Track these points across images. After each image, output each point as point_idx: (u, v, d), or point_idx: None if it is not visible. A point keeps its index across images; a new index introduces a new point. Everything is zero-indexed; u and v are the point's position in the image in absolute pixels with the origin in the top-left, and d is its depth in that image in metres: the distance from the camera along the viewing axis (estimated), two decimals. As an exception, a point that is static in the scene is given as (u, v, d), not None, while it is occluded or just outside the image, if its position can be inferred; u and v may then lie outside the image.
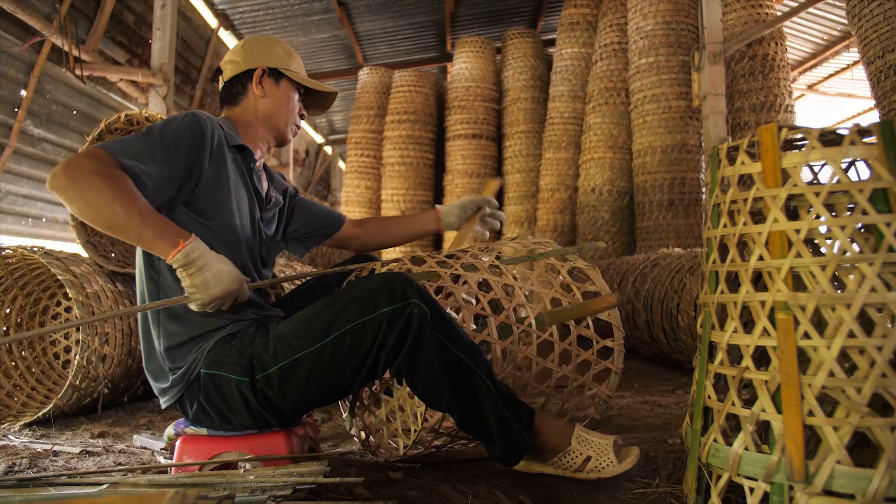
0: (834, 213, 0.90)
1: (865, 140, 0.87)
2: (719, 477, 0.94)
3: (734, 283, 1.01)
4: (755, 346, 0.91)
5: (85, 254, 2.24)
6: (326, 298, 1.21)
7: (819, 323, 0.88)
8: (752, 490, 0.87)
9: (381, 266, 1.51)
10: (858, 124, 0.88)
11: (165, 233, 1.11)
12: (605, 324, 1.59)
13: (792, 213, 0.93)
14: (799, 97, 8.61)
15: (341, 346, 1.16)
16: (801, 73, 8.08)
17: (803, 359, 0.86)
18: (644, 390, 2.44)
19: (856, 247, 0.86)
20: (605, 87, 5.44)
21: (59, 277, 1.94)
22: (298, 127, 1.53)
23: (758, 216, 0.96)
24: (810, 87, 8.58)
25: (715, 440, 0.96)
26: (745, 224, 0.96)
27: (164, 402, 1.28)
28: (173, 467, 1.27)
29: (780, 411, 0.86)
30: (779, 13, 4.82)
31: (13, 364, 2.23)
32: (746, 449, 0.89)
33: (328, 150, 12.53)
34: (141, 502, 0.60)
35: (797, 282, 0.89)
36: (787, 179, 0.90)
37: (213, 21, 7.20)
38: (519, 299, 1.46)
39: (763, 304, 0.91)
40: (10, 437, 1.78)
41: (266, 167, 1.54)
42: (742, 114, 4.75)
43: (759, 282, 0.96)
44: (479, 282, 1.50)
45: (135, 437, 1.75)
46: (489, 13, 7.72)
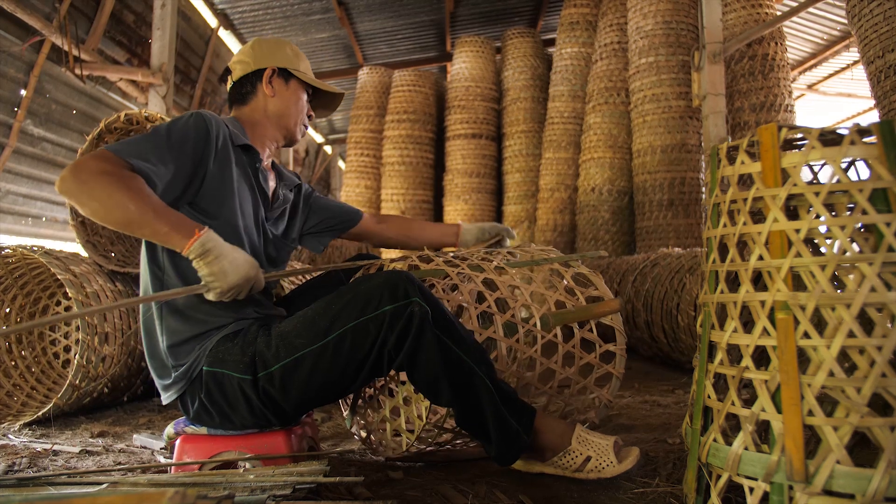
0: (834, 213, 0.90)
1: (865, 140, 0.87)
2: (719, 477, 0.94)
3: (734, 282, 1.01)
4: (755, 345, 0.91)
5: (85, 253, 2.24)
6: (328, 297, 1.21)
7: (819, 323, 0.88)
8: (751, 490, 0.87)
9: (388, 264, 1.52)
10: (858, 124, 0.88)
11: (180, 226, 1.12)
12: (606, 328, 1.60)
13: (792, 213, 0.93)
14: (799, 97, 8.61)
15: (343, 345, 1.16)
16: (801, 73, 8.09)
17: (803, 359, 0.86)
18: (644, 390, 2.44)
19: (856, 247, 0.86)
20: (605, 86, 5.45)
21: (59, 277, 1.94)
22: (307, 127, 1.54)
23: (758, 216, 0.96)
24: (810, 87, 8.58)
25: (715, 440, 0.96)
26: (744, 224, 0.96)
27: (165, 399, 1.28)
28: (173, 466, 1.27)
29: (779, 411, 0.86)
30: (779, 13, 4.82)
31: (13, 363, 2.23)
32: (746, 449, 0.89)
33: (328, 149, 12.53)
34: (141, 502, 0.60)
35: (797, 281, 0.89)
36: (786, 179, 0.90)
37: (212, 21, 7.20)
38: (524, 299, 1.47)
39: (763, 303, 0.91)
40: (9, 436, 1.78)
41: (276, 165, 1.54)
42: (742, 113, 4.75)
43: (758, 281, 0.96)
44: (485, 282, 1.51)
45: (135, 436, 1.75)
46: (489, 13, 7.72)
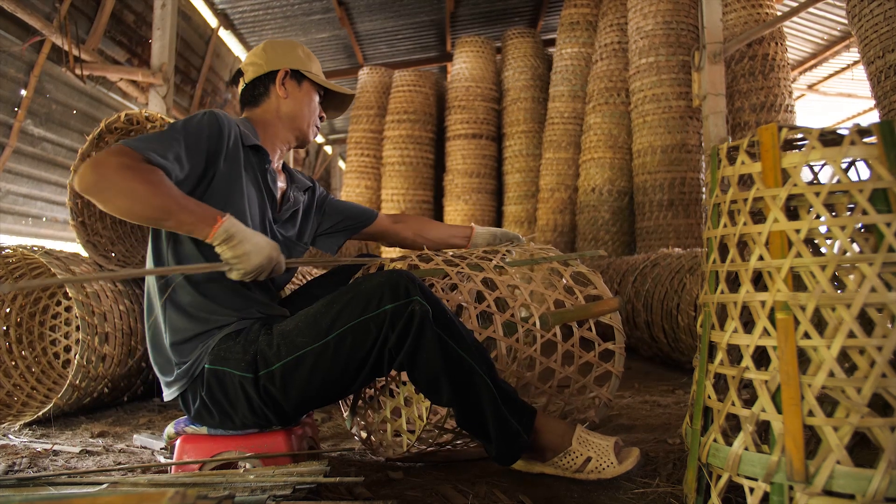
0: (834, 213, 0.90)
1: (865, 140, 0.87)
2: (719, 477, 0.94)
3: (734, 283, 1.01)
4: (755, 346, 0.91)
5: (85, 253, 2.24)
6: (329, 296, 1.22)
7: (819, 323, 0.88)
8: (752, 490, 0.87)
9: (389, 263, 1.52)
10: (858, 124, 0.88)
11: (203, 214, 1.13)
12: (605, 327, 1.60)
13: (792, 213, 0.93)
14: (799, 97, 8.60)
15: (344, 343, 1.16)
16: (801, 73, 8.08)
17: (803, 359, 0.86)
18: (644, 390, 2.44)
19: (856, 247, 0.86)
20: (605, 86, 5.44)
21: (60, 277, 1.94)
22: (318, 128, 1.54)
23: (758, 216, 0.96)
24: (810, 87, 8.58)
25: (715, 440, 0.96)
26: (745, 224, 0.96)
27: (167, 396, 1.29)
28: (173, 466, 1.27)
29: (780, 411, 0.86)
30: (779, 13, 4.82)
31: (13, 364, 2.23)
32: (746, 449, 0.89)
33: (328, 149, 12.53)
34: (141, 502, 0.60)
35: (797, 282, 0.89)
36: (787, 179, 0.90)
37: (213, 21, 7.20)
38: (524, 298, 1.47)
39: (763, 304, 0.91)
40: (10, 436, 1.78)
41: (287, 167, 1.54)
42: (742, 114, 4.74)
43: (759, 282, 0.96)
44: (484, 281, 1.52)
45: (135, 436, 1.75)
46: (489, 13, 7.71)
